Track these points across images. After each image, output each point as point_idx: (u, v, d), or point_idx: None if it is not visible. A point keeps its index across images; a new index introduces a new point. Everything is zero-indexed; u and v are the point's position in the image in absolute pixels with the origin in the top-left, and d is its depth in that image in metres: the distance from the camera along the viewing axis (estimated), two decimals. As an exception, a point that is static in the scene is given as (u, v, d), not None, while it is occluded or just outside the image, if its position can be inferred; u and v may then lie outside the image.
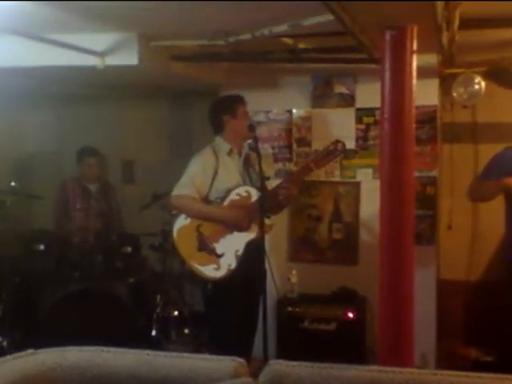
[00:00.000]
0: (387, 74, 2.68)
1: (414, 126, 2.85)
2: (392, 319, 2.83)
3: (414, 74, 2.73)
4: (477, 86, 4.33)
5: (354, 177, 4.85)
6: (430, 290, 4.70)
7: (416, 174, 4.55)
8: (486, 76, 4.40)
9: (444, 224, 4.93)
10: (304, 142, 4.95)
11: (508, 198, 3.87)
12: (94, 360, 2.24)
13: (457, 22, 2.72)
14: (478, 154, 4.81)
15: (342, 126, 4.80)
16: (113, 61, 3.82)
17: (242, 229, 3.77)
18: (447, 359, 4.81)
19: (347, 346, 4.40)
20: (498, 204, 4.01)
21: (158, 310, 5.06)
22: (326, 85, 4.84)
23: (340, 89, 4.81)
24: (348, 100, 4.82)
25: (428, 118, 4.57)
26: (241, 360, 2.24)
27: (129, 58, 3.82)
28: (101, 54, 3.79)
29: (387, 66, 2.67)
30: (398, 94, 2.70)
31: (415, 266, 4.60)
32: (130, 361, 2.24)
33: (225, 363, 2.22)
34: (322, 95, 4.86)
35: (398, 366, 2.49)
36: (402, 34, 2.63)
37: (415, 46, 2.67)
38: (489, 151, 4.18)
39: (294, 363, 2.22)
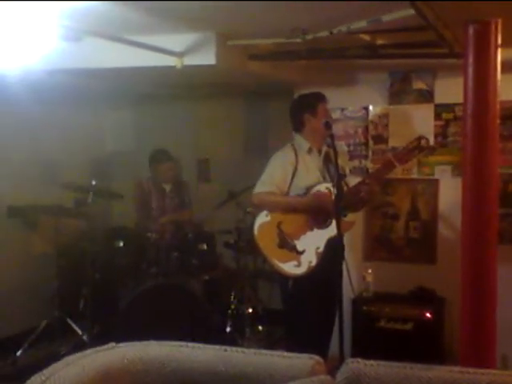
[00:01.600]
0: (471, 69, 2.60)
1: (498, 122, 2.76)
2: (474, 320, 2.75)
3: (499, 68, 2.65)
4: None
5: (432, 174, 4.75)
6: (511, 290, 4.54)
7: (499, 170, 4.48)
8: None
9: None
10: (381, 139, 4.88)
11: None
12: (174, 354, 2.28)
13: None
14: None
15: (420, 122, 4.71)
16: (191, 61, 3.88)
17: (326, 218, 3.73)
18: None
19: (424, 346, 4.33)
20: None
21: (233, 306, 5.11)
22: (404, 81, 4.76)
23: (418, 85, 4.72)
24: (426, 96, 4.72)
25: (511, 113, 4.42)
26: (318, 358, 2.23)
27: (207, 57, 3.87)
28: (179, 55, 3.85)
29: (470, 60, 2.59)
30: (481, 90, 2.62)
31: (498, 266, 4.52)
32: (209, 356, 2.26)
33: (302, 361, 2.22)
34: (399, 91, 4.78)
35: (479, 367, 2.42)
36: (485, 27, 2.55)
37: (500, 40, 2.59)
38: None
39: (372, 362, 2.19)
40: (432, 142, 4.62)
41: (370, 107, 4.89)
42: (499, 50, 2.62)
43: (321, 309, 3.75)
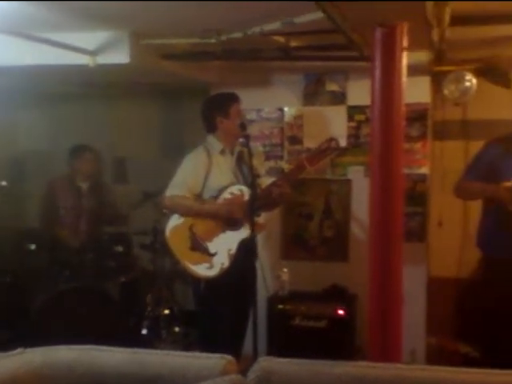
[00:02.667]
0: (378, 72, 2.68)
1: (403, 123, 2.86)
2: (381, 315, 2.84)
3: (405, 71, 2.74)
4: (468, 84, 4.34)
5: (345, 174, 4.86)
6: (420, 286, 4.72)
7: (407, 171, 4.62)
8: (477, 73, 4.41)
9: (434, 221, 4.94)
10: (296, 140, 4.95)
11: (487, 199, 3.92)
12: (83, 358, 2.24)
13: (447, 20, 2.73)
14: (468, 151, 4.81)
15: (333, 123, 4.81)
16: (104, 59, 3.82)
17: (237, 222, 3.76)
18: (437, 355, 4.82)
19: (337, 343, 4.42)
20: (488, 201, 4.03)
21: (149, 308, 5.06)
22: (318, 83, 4.84)
23: (332, 87, 4.82)
24: (340, 98, 4.83)
25: (419, 115, 4.58)
26: (230, 357, 2.25)
27: (120, 56, 3.82)
28: (92, 53, 3.78)
29: (378, 63, 2.67)
30: (388, 92, 2.71)
31: (405, 264, 4.67)
32: (119, 359, 2.24)
33: (214, 361, 2.23)
34: (313, 93, 4.86)
35: (386, 361, 2.51)
36: (392, 31, 2.63)
37: (406, 43, 2.68)
38: (479, 148, 4.19)
39: (283, 360, 2.23)
40: (345, 143, 4.74)
41: (285, 108, 4.95)
42: (405, 53, 2.71)
43: (234, 309, 3.78)
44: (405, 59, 2.71)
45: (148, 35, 3.85)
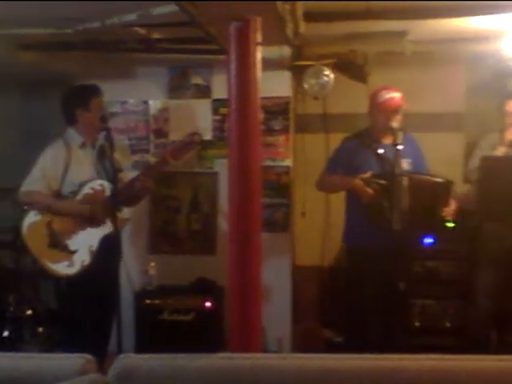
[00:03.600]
0: (233, 66, 2.71)
1: (259, 116, 2.92)
2: (240, 306, 2.89)
3: (259, 65, 2.79)
4: (326, 78, 4.49)
5: (212, 167, 4.88)
6: (285, 275, 4.84)
7: (270, 163, 4.74)
8: (334, 68, 4.57)
9: (298, 212, 5.08)
10: (162, 133, 4.91)
11: (348, 191, 4.10)
12: None
13: (300, 16, 2.81)
14: (329, 144, 4.97)
15: (199, 117, 4.82)
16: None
17: (96, 223, 3.69)
18: (304, 342, 4.98)
19: (206, 335, 4.45)
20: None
21: (11, 309, 4.84)
22: (183, 76, 4.83)
23: (196, 80, 4.82)
24: (204, 91, 4.84)
25: (281, 109, 4.70)
26: (88, 356, 2.19)
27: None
28: None
29: (232, 57, 2.71)
30: (243, 85, 2.75)
31: (271, 253, 4.79)
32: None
33: (72, 361, 2.17)
34: (178, 86, 4.85)
35: (246, 352, 2.55)
36: (246, 25, 2.67)
37: (259, 38, 2.73)
38: (339, 141, 4.36)
39: (145, 356, 2.20)
40: (210, 136, 4.77)
41: (150, 101, 4.89)
42: (259, 48, 2.76)
43: (97, 307, 3.70)
44: (259, 53, 2.76)
45: (1, 25, 3.67)
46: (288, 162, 4.80)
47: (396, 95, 3.95)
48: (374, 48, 4.28)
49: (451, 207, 3.86)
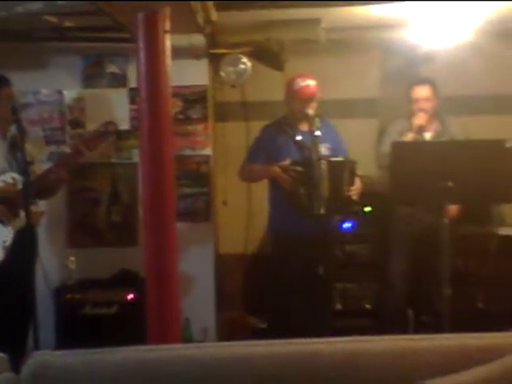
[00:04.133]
0: (142, 54, 2.68)
1: (170, 104, 2.89)
2: (157, 297, 2.87)
3: (169, 53, 2.76)
4: (243, 66, 4.48)
5: (131, 158, 4.81)
6: (208, 265, 4.84)
7: (189, 152, 4.72)
8: (251, 56, 4.57)
9: (220, 200, 5.08)
10: (78, 123, 4.79)
11: (271, 179, 4.12)
12: None
13: (211, 4, 2.79)
14: (249, 132, 4.98)
15: (116, 106, 4.73)
16: None
17: (8, 217, 3.57)
18: (229, 330, 5.00)
19: (130, 328, 4.37)
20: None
21: None
22: (97, 65, 4.72)
23: (112, 68, 4.72)
24: (121, 80, 4.75)
25: (199, 97, 4.67)
26: (1, 355, 2.13)
27: None
28: None
29: (141, 45, 2.67)
30: (153, 74, 2.71)
31: (193, 243, 4.78)
32: None
33: (-19, 360, 2.10)
34: (93, 75, 4.73)
35: (165, 342, 2.53)
36: (154, 14, 2.63)
37: (168, 26, 2.69)
38: (259, 129, 4.37)
39: (60, 352, 2.16)
40: (128, 126, 4.70)
41: (65, 91, 4.77)
42: (168, 36, 2.72)
43: (13, 304, 3.59)
44: (168, 42, 2.73)
45: None
46: (208, 151, 4.78)
47: (311, 82, 3.99)
48: (289, 36, 4.30)
49: (356, 186, 3.94)
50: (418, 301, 4.61)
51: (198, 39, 3.97)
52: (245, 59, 4.49)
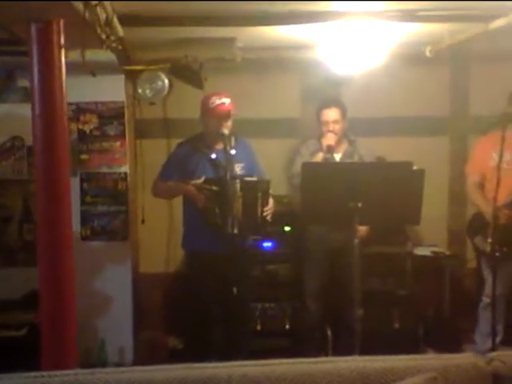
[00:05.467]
0: (35, 69, 2.58)
1: (66, 122, 2.79)
2: (52, 319, 2.77)
3: (64, 68, 2.67)
4: (160, 83, 4.44)
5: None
6: (125, 284, 4.75)
7: (106, 170, 4.63)
8: (170, 73, 4.53)
9: (139, 219, 4.98)
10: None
11: (185, 197, 4.07)
12: None
13: (114, 19, 2.72)
14: (170, 149, 4.91)
15: (28, 121, 4.57)
16: None
17: None
18: (148, 351, 4.89)
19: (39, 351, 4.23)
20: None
21: None
22: (9, 78, 4.59)
23: (24, 83, 4.57)
24: (34, 95, 4.61)
25: (116, 113, 4.58)
26: None
27: None
28: None
29: (35, 60, 2.58)
30: (47, 90, 2.62)
31: (110, 262, 4.68)
32: None
33: None
34: (4, 89, 4.59)
35: (61, 367, 2.42)
36: (47, 27, 2.54)
37: (63, 41, 2.61)
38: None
39: None
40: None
41: (-26, 106, 4.60)
42: (63, 51, 2.64)
43: None
44: (63, 57, 2.65)
45: None
46: (125, 169, 4.68)
47: (226, 100, 3.96)
48: (205, 54, 4.27)
49: (270, 206, 3.93)
50: (335, 320, 4.61)
51: (107, 55, 3.89)
52: (162, 76, 4.44)
